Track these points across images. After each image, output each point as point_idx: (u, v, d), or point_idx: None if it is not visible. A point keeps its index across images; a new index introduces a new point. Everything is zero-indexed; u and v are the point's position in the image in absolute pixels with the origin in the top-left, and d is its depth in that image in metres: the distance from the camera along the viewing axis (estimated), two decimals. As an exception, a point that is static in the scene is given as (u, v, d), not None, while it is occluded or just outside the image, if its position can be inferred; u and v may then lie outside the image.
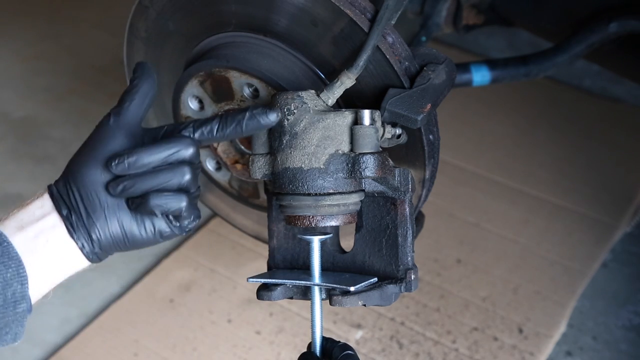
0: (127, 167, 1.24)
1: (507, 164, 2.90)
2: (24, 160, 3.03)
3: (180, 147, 1.26)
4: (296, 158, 1.36)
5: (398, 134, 1.46)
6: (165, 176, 1.25)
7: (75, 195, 1.26)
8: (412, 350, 2.27)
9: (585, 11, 2.00)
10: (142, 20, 1.69)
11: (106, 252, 1.31)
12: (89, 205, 1.26)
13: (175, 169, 1.25)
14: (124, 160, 1.24)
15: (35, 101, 3.32)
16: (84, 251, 1.28)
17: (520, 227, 2.65)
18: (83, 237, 1.26)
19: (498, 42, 3.48)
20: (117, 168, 1.25)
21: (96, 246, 1.28)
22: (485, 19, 2.29)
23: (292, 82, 1.52)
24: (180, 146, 1.26)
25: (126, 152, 1.26)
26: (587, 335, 2.35)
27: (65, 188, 1.28)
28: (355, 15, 1.43)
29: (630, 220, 2.67)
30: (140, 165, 1.24)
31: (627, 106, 3.17)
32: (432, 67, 1.47)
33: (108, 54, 3.55)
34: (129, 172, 1.25)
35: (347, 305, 1.39)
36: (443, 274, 2.49)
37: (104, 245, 1.29)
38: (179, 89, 1.65)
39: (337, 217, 1.38)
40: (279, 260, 1.55)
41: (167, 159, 1.26)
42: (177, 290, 2.48)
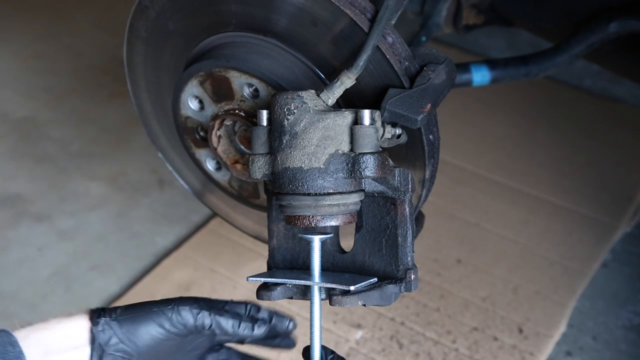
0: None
1: (507, 164, 2.90)
2: (24, 160, 3.03)
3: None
4: (296, 158, 1.36)
5: (398, 134, 1.46)
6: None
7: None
8: (412, 350, 2.27)
9: (585, 11, 2.00)
10: (142, 20, 1.69)
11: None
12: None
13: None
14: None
15: (35, 101, 3.32)
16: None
17: (520, 227, 2.65)
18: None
19: (498, 42, 3.48)
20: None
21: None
22: (485, 19, 2.29)
23: (292, 82, 1.52)
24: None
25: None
26: (587, 335, 2.35)
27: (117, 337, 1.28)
28: (355, 15, 1.43)
29: (630, 220, 2.68)
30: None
31: (627, 106, 3.17)
32: (432, 67, 1.47)
33: (108, 54, 3.55)
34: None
35: (347, 305, 1.38)
36: (443, 274, 2.49)
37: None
38: (179, 89, 1.65)
39: (337, 217, 1.38)
40: (279, 260, 1.55)
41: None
42: (177, 290, 2.48)
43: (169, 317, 1.28)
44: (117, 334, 1.28)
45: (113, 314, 1.29)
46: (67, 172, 2.97)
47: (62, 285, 2.55)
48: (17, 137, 3.14)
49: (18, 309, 2.47)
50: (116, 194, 2.88)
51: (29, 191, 2.90)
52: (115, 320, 1.28)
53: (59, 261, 2.63)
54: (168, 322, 1.28)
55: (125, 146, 3.08)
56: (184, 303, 1.30)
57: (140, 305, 1.31)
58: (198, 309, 1.30)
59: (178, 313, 1.28)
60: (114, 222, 2.77)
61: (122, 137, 3.11)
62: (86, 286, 2.54)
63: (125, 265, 2.61)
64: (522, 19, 2.24)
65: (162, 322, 1.28)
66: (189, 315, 1.29)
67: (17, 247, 2.68)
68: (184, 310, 1.29)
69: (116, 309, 1.30)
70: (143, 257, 2.64)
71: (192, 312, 1.29)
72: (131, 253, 2.66)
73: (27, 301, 2.49)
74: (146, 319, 1.28)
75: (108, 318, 1.28)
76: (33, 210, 2.81)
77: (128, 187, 2.91)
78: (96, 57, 3.56)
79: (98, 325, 1.28)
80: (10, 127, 3.19)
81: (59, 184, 2.92)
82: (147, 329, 1.28)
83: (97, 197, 2.87)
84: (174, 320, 1.28)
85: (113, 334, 1.27)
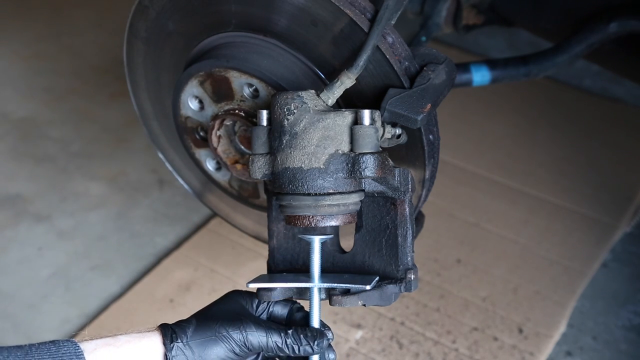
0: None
1: (507, 164, 2.90)
2: (24, 160, 3.03)
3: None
4: (296, 158, 1.36)
5: (398, 134, 1.46)
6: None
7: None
8: (412, 350, 2.27)
9: (585, 11, 2.00)
10: (142, 20, 1.69)
11: None
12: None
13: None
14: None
15: (35, 101, 3.32)
16: None
17: (520, 227, 2.65)
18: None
19: (498, 42, 3.48)
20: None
21: None
22: (485, 19, 2.29)
23: (292, 82, 1.52)
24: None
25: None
26: (587, 335, 2.35)
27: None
28: (355, 15, 1.43)
29: (630, 220, 2.68)
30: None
31: (627, 106, 3.17)
32: (432, 67, 1.47)
33: (108, 54, 3.55)
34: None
35: (347, 305, 1.39)
36: (443, 274, 2.49)
37: None
38: (178, 89, 1.65)
39: (337, 217, 1.38)
40: (279, 260, 1.55)
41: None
42: (177, 290, 2.48)
43: (237, 341, 1.33)
44: (189, 359, 1.31)
45: (184, 336, 1.32)
46: (67, 172, 2.97)
47: (62, 285, 2.55)
48: (17, 137, 3.14)
49: (18, 309, 2.47)
50: (116, 194, 2.88)
51: (29, 191, 2.90)
52: (187, 344, 1.31)
53: (58, 261, 2.63)
54: (237, 347, 1.33)
55: (125, 146, 3.08)
56: (250, 327, 1.34)
57: (209, 326, 1.34)
58: (264, 334, 1.34)
59: (246, 338, 1.33)
60: (114, 222, 2.77)
61: (122, 137, 3.11)
62: (86, 286, 2.54)
63: (125, 265, 2.61)
64: (522, 19, 2.24)
65: (232, 346, 1.32)
66: (256, 340, 1.34)
67: (17, 247, 2.68)
68: (251, 335, 1.33)
69: (186, 329, 1.33)
70: (143, 257, 2.64)
71: (259, 338, 1.34)
72: (131, 253, 2.65)
73: (27, 301, 2.49)
74: (217, 343, 1.32)
75: (180, 342, 1.31)
76: (33, 210, 2.81)
77: (128, 187, 2.91)
78: (96, 57, 3.56)
79: (172, 350, 1.30)
80: (10, 127, 3.19)
81: (59, 184, 2.92)
82: (217, 352, 1.32)
83: (97, 197, 2.87)
84: (241, 345, 1.33)
85: (185, 359, 1.31)
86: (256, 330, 1.34)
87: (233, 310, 1.38)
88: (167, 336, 1.31)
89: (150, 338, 1.31)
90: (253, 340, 1.33)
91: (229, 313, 1.37)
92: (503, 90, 2.94)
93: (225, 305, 1.40)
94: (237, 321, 1.34)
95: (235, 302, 1.41)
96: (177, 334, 1.31)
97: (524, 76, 2.08)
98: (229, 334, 1.32)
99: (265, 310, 1.42)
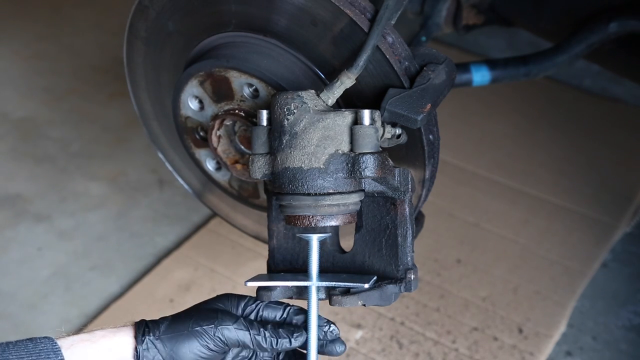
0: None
1: (507, 164, 2.90)
2: (24, 160, 3.03)
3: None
4: (296, 158, 1.36)
5: (398, 134, 1.46)
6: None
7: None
8: (412, 350, 2.27)
9: (585, 11, 2.00)
10: (142, 20, 1.69)
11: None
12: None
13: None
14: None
15: (35, 101, 3.32)
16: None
17: (520, 227, 2.65)
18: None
19: (498, 42, 3.48)
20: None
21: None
22: (485, 19, 2.29)
23: (292, 82, 1.52)
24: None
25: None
26: (587, 335, 2.35)
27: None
28: (355, 15, 1.43)
29: (630, 220, 2.68)
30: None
31: (627, 106, 3.17)
32: (432, 67, 1.47)
33: (108, 54, 3.55)
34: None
35: (347, 305, 1.39)
36: (443, 274, 2.49)
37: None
38: (178, 89, 1.65)
39: (336, 217, 1.38)
40: (279, 260, 1.55)
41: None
42: (177, 290, 2.48)
43: (211, 336, 1.31)
44: (161, 353, 1.31)
45: (157, 331, 1.32)
46: (67, 172, 2.97)
47: (61, 285, 2.55)
48: (17, 137, 3.14)
49: (18, 308, 2.47)
50: (116, 194, 2.88)
51: (29, 191, 2.90)
52: (159, 339, 1.31)
53: (58, 261, 2.63)
54: (211, 341, 1.32)
55: (125, 146, 3.08)
56: (225, 322, 1.33)
57: (182, 322, 1.33)
58: (240, 328, 1.33)
59: (221, 333, 1.32)
60: (114, 222, 2.77)
61: (122, 137, 3.11)
62: (86, 286, 2.54)
63: (125, 265, 2.61)
64: (522, 19, 2.24)
65: (205, 342, 1.31)
66: (231, 334, 1.32)
67: (17, 247, 2.68)
68: (226, 330, 1.32)
69: (159, 325, 1.33)
70: (143, 257, 2.64)
71: (235, 332, 1.32)
72: (131, 253, 2.65)
73: (27, 301, 2.49)
74: (190, 338, 1.31)
75: (152, 336, 1.31)
76: (33, 210, 2.81)
77: (128, 187, 2.91)
78: (96, 57, 3.56)
79: (143, 343, 1.30)
80: (10, 127, 3.19)
81: (59, 184, 2.92)
82: (190, 348, 1.31)
83: (97, 197, 2.87)
84: (216, 339, 1.32)
85: (157, 353, 1.30)
86: (232, 324, 1.32)
87: (211, 308, 1.37)
88: (139, 330, 1.31)
89: (124, 332, 1.32)
90: (229, 335, 1.32)
91: (207, 310, 1.36)
92: (503, 90, 2.94)
93: (206, 305, 1.39)
94: (212, 317, 1.33)
95: (218, 301, 1.40)
96: (149, 329, 1.32)
97: (524, 76, 2.08)
98: (203, 329, 1.31)
99: (254, 311, 1.40)
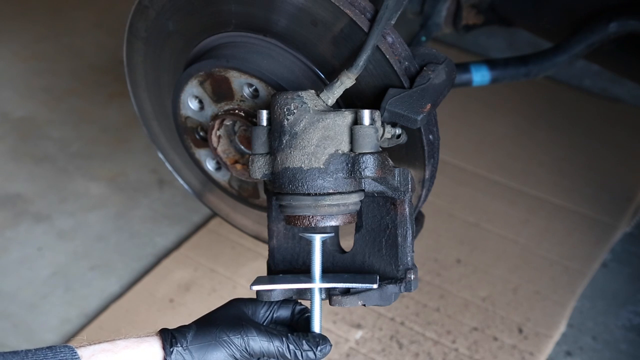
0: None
1: (507, 164, 2.90)
2: (24, 160, 3.03)
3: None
4: (296, 158, 1.36)
5: (398, 134, 1.46)
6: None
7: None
8: (412, 350, 2.27)
9: (585, 11, 2.00)
10: (142, 20, 1.69)
11: None
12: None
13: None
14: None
15: (35, 101, 3.32)
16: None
17: (520, 227, 2.65)
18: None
19: (498, 42, 3.48)
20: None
21: None
22: (485, 19, 2.29)
23: (292, 82, 1.52)
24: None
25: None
26: (587, 335, 2.35)
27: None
28: (355, 15, 1.43)
29: (630, 220, 2.68)
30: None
31: (627, 106, 3.17)
32: (432, 67, 1.47)
33: (108, 54, 3.55)
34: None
35: (347, 305, 1.39)
36: (443, 274, 2.49)
37: None
38: (178, 89, 1.65)
39: (336, 217, 1.38)
40: (279, 260, 1.55)
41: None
42: (177, 290, 2.48)
43: (238, 346, 1.32)
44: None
45: (184, 341, 1.30)
46: (67, 172, 2.97)
47: (62, 285, 2.55)
48: (17, 137, 3.14)
49: (18, 308, 2.47)
50: (116, 194, 2.88)
51: (29, 191, 2.90)
52: (187, 349, 1.30)
53: (58, 261, 2.63)
54: (238, 352, 1.32)
55: (125, 146, 3.08)
56: (251, 332, 1.33)
57: (209, 331, 1.33)
58: (265, 339, 1.33)
59: (247, 343, 1.32)
60: (113, 222, 2.77)
61: (122, 137, 3.11)
62: (86, 286, 2.54)
63: (125, 265, 2.61)
64: (522, 19, 2.24)
65: (232, 351, 1.32)
66: (256, 345, 1.33)
67: (17, 247, 2.68)
68: (252, 341, 1.32)
69: (186, 334, 1.32)
70: (143, 257, 2.64)
71: (260, 343, 1.33)
72: (131, 253, 2.65)
73: (27, 301, 2.49)
74: (217, 347, 1.31)
75: (180, 347, 1.29)
76: (33, 210, 2.81)
77: (128, 187, 2.91)
78: (96, 57, 3.56)
79: (172, 355, 1.29)
80: (10, 127, 3.19)
81: (59, 184, 2.92)
82: (217, 358, 1.31)
83: (97, 197, 2.87)
84: (242, 350, 1.32)
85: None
86: (257, 335, 1.33)
87: (234, 316, 1.37)
88: (167, 340, 1.29)
89: (149, 343, 1.30)
90: (254, 346, 1.32)
91: (230, 318, 1.36)
92: (503, 90, 2.94)
93: (227, 311, 1.39)
94: (238, 326, 1.33)
95: (236, 309, 1.40)
96: (176, 339, 1.30)
97: (524, 76, 2.08)
98: (230, 338, 1.31)
99: (269, 315, 1.41)
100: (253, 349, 1.32)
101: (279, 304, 1.43)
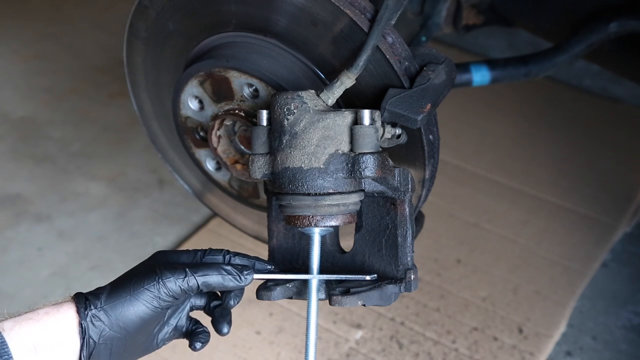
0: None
1: (507, 164, 2.90)
2: (24, 160, 3.03)
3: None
4: (296, 158, 1.36)
5: (398, 134, 1.46)
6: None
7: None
8: (412, 350, 2.27)
9: (585, 11, 2.00)
10: (141, 20, 1.69)
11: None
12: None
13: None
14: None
15: (35, 101, 3.32)
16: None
17: (520, 227, 2.65)
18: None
19: (498, 42, 3.48)
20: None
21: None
22: (485, 19, 2.29)
23: (292, 82, 1.52)
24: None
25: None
26: (587, 335, 2.35)
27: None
28: (355, 15, 1.43)
29: (630, 220, 2.68)
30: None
31: (627, 106, 3.17)
32: (432, 67, 1.47)
33: (108, 54, 3.55)
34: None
35: (347, 305, 1.39)
36: (443, 274, 2.49)
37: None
38: (178, 89, 1.65)
39: (336, 217, 1.38)
40: (279, 260, 1.55)
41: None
42: (177, 290, 2.48)
43: (155, 294, 1.26)
44: (105, 324, 1.25)
45: (98, 302, 1.26)
46: (67, 172, 2.97)
47: (62, 285, 2.55)
48: (17, 137, 3.14)
49: (18, 308, 2.46)
50: (116, 194, 2.88)
51: (29, 191, 2.90)
52: (101, 309, 1.25)
53: (58, 261, 2.63)
54: (156, 299, 1.27)
55: (125, 146, 3.08)
56: (166, 275, 1.27)
57: (122, 287, 1.28)
58: (181, 275, 1.28)
59: (164, 286, 1.26)
60: (113, 222, 2.77)
61: (122, 137, 3.11)
62: (86, 286, 2.52)
63: (125, 265, 2.57)
64: (522, 19, 2.24)
65: (150, 300, 1.26)
66: (174, 285, 1.27)
67: (17, 247, 2.68)
68: (168, 282, 1.27)
69: (100, 295, 1.27)
70: (143, 257, 2.60)
71: (177, 281, 1.27)
72: (131, 253, 2.65)
73: (27, 301, 2.49)
74: (133, 301, 1.26)
75: (94, 309, 1.25)
76: (33, 210, 2.81)
77: (128, 187, 2.91)
78: (96, 57, 3.56)
79: (87, 317, 1.25)
80: (10, 127, 3.19)
81: (59, 184, 2.92)
82: (135, 311, 1.26)
83: (97, 197, 2.87)
84: (162, 295, 1.27)
85: (102, 324, 1.25)
86: (173, 275, 1.27)
87: (150, 266, 1.32)
88: (80, 304, 1.26)
89: (66, 307, 1.26)
90: (172, 287, 1.27)
91: (146, 269, 1.31)
92: (503, 90, 2.94)
93: (144, 264, 1.34)
94: (152, 273, 1.28)
95: (154, 259, 1.36)
96: (90, 301, 1.26)
97: (524, 76, 2.08)
98: (145, 288, 1.26)
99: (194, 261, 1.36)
100: (172, 290, 1.27)
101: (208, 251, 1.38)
